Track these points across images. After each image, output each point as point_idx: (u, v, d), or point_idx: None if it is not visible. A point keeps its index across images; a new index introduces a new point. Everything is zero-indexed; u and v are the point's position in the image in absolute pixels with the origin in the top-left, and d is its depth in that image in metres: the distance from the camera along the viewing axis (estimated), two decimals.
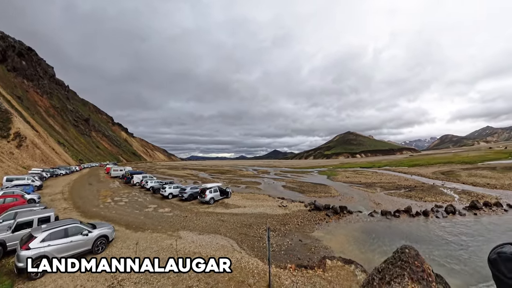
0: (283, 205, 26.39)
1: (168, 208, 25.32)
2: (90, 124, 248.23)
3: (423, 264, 5.35)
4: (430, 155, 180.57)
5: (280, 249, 14.50)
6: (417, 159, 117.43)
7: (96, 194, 33.89)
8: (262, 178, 63.91)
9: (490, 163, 68.85)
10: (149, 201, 29.25)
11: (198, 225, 19.13)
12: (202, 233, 16.85)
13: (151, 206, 26.49)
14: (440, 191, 35.09)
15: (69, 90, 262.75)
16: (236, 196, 32.89)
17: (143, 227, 18.27)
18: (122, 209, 24.52)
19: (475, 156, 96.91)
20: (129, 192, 35.98)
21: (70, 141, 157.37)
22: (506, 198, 28.38)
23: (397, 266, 5.41)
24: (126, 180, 48.26)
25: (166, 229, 17.82)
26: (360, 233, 18.26)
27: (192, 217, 21.55)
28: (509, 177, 42.71)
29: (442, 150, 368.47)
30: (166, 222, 19.95)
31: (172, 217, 21.54)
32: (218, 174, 78.94)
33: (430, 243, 16.27)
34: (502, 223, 20.30)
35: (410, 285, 4.87)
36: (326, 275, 10.56)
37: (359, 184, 47.23)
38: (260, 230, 17.98)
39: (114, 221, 19.40)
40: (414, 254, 5.60)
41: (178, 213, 23.09)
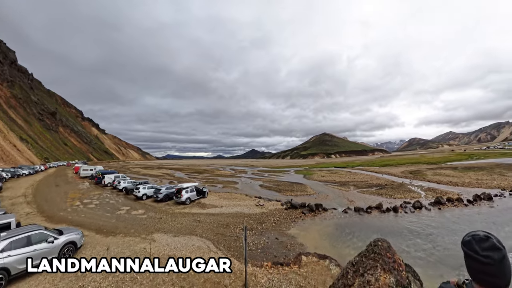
0: (260, 204, 26.46)
1: (142, 210, 24.35)
2: (57, 118, 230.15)
3: (394, 255, 5.56)
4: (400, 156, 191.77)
5: (257, 248, 14.51)
6: (387, 160, 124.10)
7: (63, 196, 31.63)
8: (240, 178, 63.81)
9: (452, 163, 73.96)
10: (121, 203, 27.89)
11: (173, 226, 18.57)
12: (178, 235, 16.36)
13: (123, 208, 25.28)
14: (408, 188, 37.20)
15: (33, 79, 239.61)
16: (213, 195, 32.47)
17: (115, 231, 17.33)
18: (92, 212, 23.15)
19: (439, 157, 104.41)
20: (100, 194, 34.08)
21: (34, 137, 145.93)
22: (466, 194, 30.61)
23: (370, 259, 5.57)
24: (96, 181, 45.43)
25: (139, 232, 17.06)
26: (335, 229, 18.85)
27: (167, 219, 20.90)
28: (469, 176, 46.27)
29: (410, 152, 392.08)
30: (139, 224, 19.11)
31: (146, 219, 20.71)
32: (195, 174, 77.63)
33: (399, 236, 17.36)
34: (463, 216, 22.06)
35: (382, 275, 5.03)
36: (301, 271, 10.71)
37: (334, 182, 48.64)
38: (237, 229, 17.87)
39: (83, 226, 18.28)
40: (386, 246, 5.81)
41: (152, 215, 22.27)
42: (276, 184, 47.56)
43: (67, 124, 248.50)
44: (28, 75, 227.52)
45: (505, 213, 22.44)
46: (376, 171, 68.93)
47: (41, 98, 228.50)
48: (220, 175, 74.12)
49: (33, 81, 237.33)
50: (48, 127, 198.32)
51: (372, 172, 67.04)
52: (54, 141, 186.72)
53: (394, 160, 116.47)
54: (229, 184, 48.37)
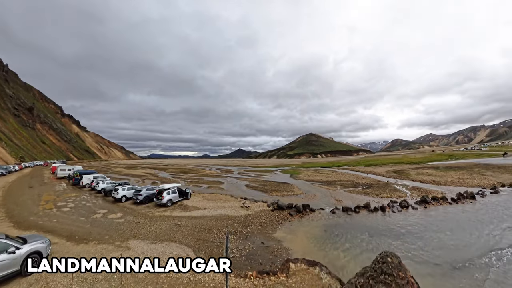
0: (245, 206, 25.44)
1: (119, 213, 22.74)
2: (35, 114, 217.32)
3: (407, 274, 4.65)
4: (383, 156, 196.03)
5: (241, 254, 13.48)
6: (372, 160, 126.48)
7: (36, 199, 29.24)
8: (226, 178, 62.50)
9: (433, 163, 76.00)
10: (98, 206, 26.05)
11: (151, 232, 17.24)
12: (155, 242, 15.08)
13: (100, 211, 23.55)
14: (394, 188, 37.37)
15: (9, 71, 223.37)
16: (197, 197, 31.05)
17: (88, 237, 15.82)
18: (65, 217, 21.32)
19: (421, 158, 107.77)
20: (77, 196, 31.80)
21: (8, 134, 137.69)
22: (449, 193, 31.06)
23: (380, 282, 4.60)
24: (74, 181, 42.51)
25: (114, 238, 15.66)
26: (323, 231, 18.21)
27: (145, 223, 19.47)
28: (451, 175, 47.33)
29: (393, 152, 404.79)
30: (115, 230, 17.65)
31: (123, 224, 19.22)
32: (179, 174, 75.40)
33: (389, 235, 17.20)
34: (449, 214, 22.39)
35: None
36: (289, 282, 9.77)
37: (321, 182, 48.44)
38: (220, 234, 16.78)
39: (53, 232, 16.71)
40: (397, 263, 4.87)
41: (130, 219, 20.74)
42: (263, 184, 46.68)
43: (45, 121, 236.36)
44: (3, 66, 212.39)
45: (488, 211, 22.96)
46: (362, 171, 69.54)
47: (17, 91, 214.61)
48: (206, 175, 72.45)
49: (8, 73, 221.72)
50: (24, 124, 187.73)
51: (358, 172, 67.54)
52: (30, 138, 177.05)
53: (379, 160, 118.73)
54: (214, 184, 47.03)
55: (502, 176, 42.92)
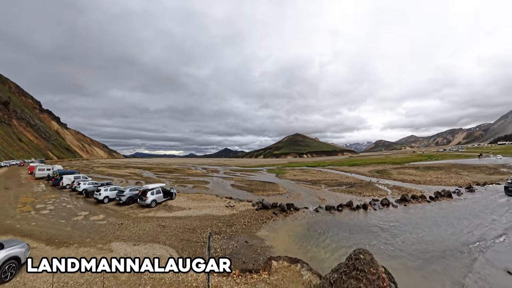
0: (230, 205, 25.50)
1: (102, 215, 22.20)
2: (11, 109, 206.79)
3: (378, 269, 4.95)
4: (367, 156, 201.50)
5: (224, 254, 13.59)
6: (356, 160, 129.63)
7: (13, 201, 27.91)
8: (211, 177, 62.11)
9: (414, 163, 79.00)
10: (80, 208, 25.27)
11: (134, 233, 16.98)
12: (138, 243, 14.89)
13: (81, 213, 22.86)
14: (376, 187, 38.56)
15: None
16: (182, 197, 30.78)
17: (69, 241, 15.37)
18: (44, 220, 20.55)
19: (403, 158, 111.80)
20: (57, 197, 30.63)
21: None
22: (428, 191, 32.42)
23: (352, 277, 4.89)
24: (54, 182, 40.76)
25: (96, 241, 15.32)
26: (306, 229, 18.60)
27: (128, 224, 19.15)
28: (430, 175, 49.45)
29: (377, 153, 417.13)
30: (97, 232, 17.25)
31: (106, 226, 18.82)
32: (164, 173, 74.18)
33: (370, 232, 17.81)
34: (427, 212, 23.46)
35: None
36: (271, 279, 9.98)
37: (306, 181, 49.14)
38: (204, 234, 16.81)
39: (32, 236, 16.12)
40: (369, 260, 5.18)
41: (113, 221, 20.32)
42: (248, 184, 46.82)
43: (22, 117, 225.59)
44: None
45: (463, 208, 24.22)
46: (346, 170, 71.00)
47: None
48: (191, 174, 71.69)
49: None
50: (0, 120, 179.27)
51: (342, 171, 68.93)
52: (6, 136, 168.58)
53: (362, 160, 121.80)
54: (199, 184, 46.68)
55: (477, 176, 45.41)
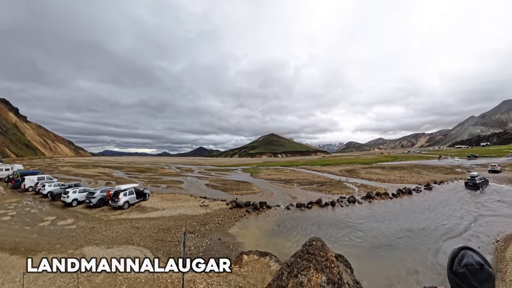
0: (204, 205, 25.88)
1: (71, 219, 21.24)
2: None
3: (327, 253, 5.88)
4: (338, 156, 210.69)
5: (198, 251, 14.12)
6: (328, 160, 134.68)
7: None
8: (185, 177, 61.37)
9: (381, 163, 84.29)
10: (46, 212, 23.86)
11: (107, 236, 16.70)
12: (111, 246, 14.76)
13: (48, 218, 21.60)
14: (345, 185, 40.91)
15: None
16: (155, 197, 30.45)
17: (36, 248, 14.53)
18: (6, 227, 19.11)
19: (371, 159, 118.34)
20: (18, 201, 28.48)
21: None
22: (391, 189, 35.14)
23: (305, 259, 5.80)
24: (14, 184, 37.59)
25: (66, 247, 14.76)
26: (277, 226, 19.66)
27: (100, 228, 18.70)
28: (394, 174, 53.71)
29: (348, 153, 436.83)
30: (66, 238, 16.59)
31: (75, 230, 18.12)
32: (136, 173, 71.53)
33: (336, 227, 19.35)
34: (389, 207, 25.71)
35: (315, 275, 5.23)
36: (242, 271, 10.72)
37: (279, 180, 50.61)
38: (179, 233, 17.11)
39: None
40: (320, 246, 6.13)
41: (83, 225, 19.62)
42: (223, 183, 47.17)
43: None
44: None
45: (420, 203, 26.92)
46: (318, 170, 73.83)
47: None
48: (165, 174, 70.12)
49: None
50: None
51: (314, 171, 71.57)
52: None
53: (334, 160, 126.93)
54: (173, 184, 46.15)
55: (435, 175, 49.90)
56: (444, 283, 2.23)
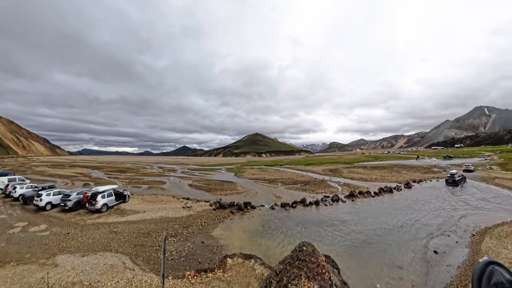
0: (187, 206, 25.20)
1: (44, 225, 19.75)
2: None
3: (318, 258, 5.65)
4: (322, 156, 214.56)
5: (180, 256, 13.55)
6: (311, 160, 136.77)
7: None
8: (168, 177, 59.69)
9: (362, 163, 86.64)
10: (16, 217, 22.06)
11: (83, 243, 15.65)
12: (87, 254, 13.81)
13: (18, 224, 19.97)
14: (328, 184, 41.51)
15: None
16: (136, 199, 29.22)
17: (4, 259, 13.31)
18: None
19: (353, 158, 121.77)
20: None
21: None
22: (373, 187, 36.12)
23: (295, 267, 5.52)
24: None
25: (37, 256, 13.60)
26: (262, 226, 19.48)
27: (76, 233, 17.52)
28: (375, 173, 55.36)
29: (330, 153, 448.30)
30: (38, 246, 15.31)
31: (49, 237, 16.82)
32: (116, 173, 68.56)
33: (320, 225, 19.53)
34: (371, 205, 26.43)
35: (306, 284, 4.97)
36: (225, 276, 10.39)
37: (264, 180, 50.53)
38: (160, 237, 16.45)
39: None
40: (311, 251, 5.87)
41: (57, 230, 18.28)
42: (206, 183, 46.34)
43: None
44: None
45: (401, 201, 27.85)
46: (302, 169, 74.57)
47: None
48: (147, 174, 67.83)
49: None
50: None
51: (298, 170, 72.22)
52: None
53: (317, 160, 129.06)
54: (155, 185, 44.65)
55: (414, 174, 51.94)
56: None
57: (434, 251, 14.30)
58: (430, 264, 12.81)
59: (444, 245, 15.17)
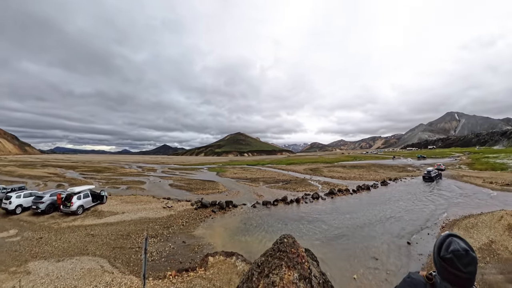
0: (168, 206, 24.78)
1: (14, 230, 18.37)
2: None
3: (298, 249, 5.89)
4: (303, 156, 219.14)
5: (161, 256, 13.35)
6: (293, 159, 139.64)
7: None
8: (148, 177, 58.40)
9: (342, 163, 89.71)
10: None
11: (57, 247, 14.65)
12: (63, 259, 12.97)
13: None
14: (309, 183, 42.74)
15: None
16: (114, 200, 28.11)
17: None
18: None
19: (333, 158, 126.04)
20: None
21: None
22: (352, 185, 37.61)
23: (276, 258, 5.72)
24: None
25: (7, 264, 12.50)
26: (243, 224, 19.71)
27: (50, 238, 16.43)
28: (354, 172, 57.92)
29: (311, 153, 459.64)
30: (8, 253, 14.07)
31: (20, 243, 15.58)
32: (93, 173, 65.84)
33: (301, 222, 20.14)
34: (350, 202, 27.63)
35: (287, 273, 5.18)
36: (207, 274, 10.40)
37: (245, 179, 50.90)
38: (140, 239, 16.06)
39: None
40: (291, 242, 6.11)
41: (29, 235, 17.08)
42: (188, 183, 45.82)
43: None
44: None
45: (377, 198, 29.29)
46: (283, 169, 75.82)
47: None
48: (125, 174, 65.80)
49: None
50: None
51: (280, 170, 73.39)
52: None
53: (299, 159, 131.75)
54: (134, 185, 43.41)
55: (390, 173, 54.82)
56: (425, 270, 2.38)
57: (407, 242, 15.24)
58: (403, 254, 13.63)
59: (416, 237, 16.21)
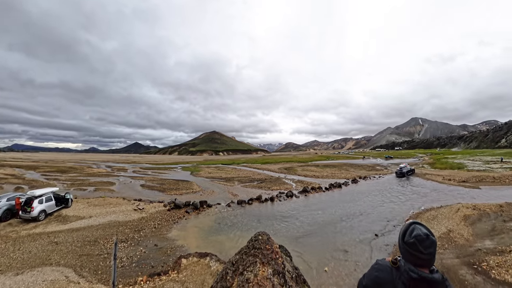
0: (139, 208, 23.78)
1: None
2: None
3: (272, 245, 5.98)
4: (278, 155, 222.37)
5: (131, 262, 12.80)
6: (268, 158, 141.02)
7: None
8: (118, 177, 55.25)
9: (316, 162, 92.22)
10: None
11: (16, 259, 13.07)
12: (22, 271, 11.57)
13: None
14: (283, 181, 43.46)
15: None
16: (80, 203, 26.08)
17: None
18: None
19: (307, 158, 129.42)
20: None
21: None
22: (324, 183, 39.02)
23: (251, 255, 5.75)
24: None
25: None
26: (218, 224, 19.65)
27: (7, 248, 14.58)
28: (327, 171, 60.20)
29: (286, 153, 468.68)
30: None
31: None
32: (56, 174, 60.54)
33: (275, 219, 20.56)
34: (322, 199, 28.56)
35: (261, 269, 5.23)
36: (180, 276, 10.19)
37: (220, 178, 50.44)
38: (109, 244, 15.24)
39: None
40: (266, 239, 6.18)
41: None
42: (160, 183, 44.26)
43: None
44: None
45: (348, 194, 30.77)
46: (258, 168, 76.24)
47: None
48: (93, 174, 61.56)
49: None
50: None
51: (255, 169, 73.65)
52: None
53: (274, 159, 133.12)
54: (103, 186, 40.87)
55: (360, 172, 57.42)
56: (392, 255, 2.68)
57: (375, 234, 16.27)
58: (371, 246, 14.51)
59: (383, 230, 17.30)
